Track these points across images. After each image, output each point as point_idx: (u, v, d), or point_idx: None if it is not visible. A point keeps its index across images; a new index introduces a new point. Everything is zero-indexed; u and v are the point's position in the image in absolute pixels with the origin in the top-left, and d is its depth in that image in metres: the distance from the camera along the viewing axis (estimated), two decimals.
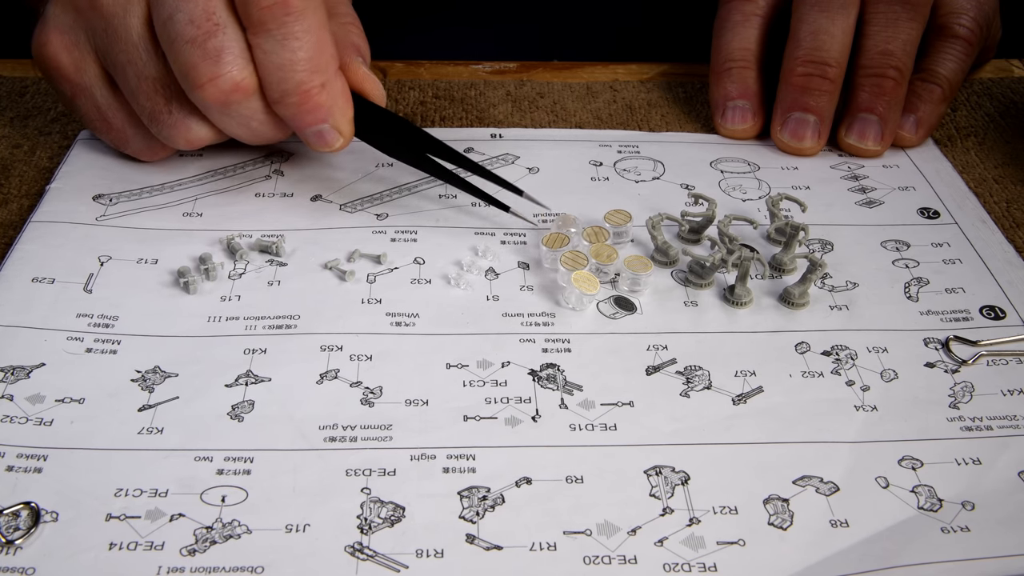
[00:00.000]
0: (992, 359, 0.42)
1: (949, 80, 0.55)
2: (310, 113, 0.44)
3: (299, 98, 0.43)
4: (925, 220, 0.50)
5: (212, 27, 0.42)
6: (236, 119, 0.45)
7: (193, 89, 0.43)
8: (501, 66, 0.62)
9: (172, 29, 0.42)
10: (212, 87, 0.42)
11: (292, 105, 0.44)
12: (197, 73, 0.42)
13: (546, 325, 0.43)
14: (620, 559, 0.33)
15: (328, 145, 0.46)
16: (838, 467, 0.37)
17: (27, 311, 0.42)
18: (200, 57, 0.42)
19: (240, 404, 0.38)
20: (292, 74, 0.43)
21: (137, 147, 0.49)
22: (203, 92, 0.43)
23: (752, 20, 0.56)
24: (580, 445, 0.37)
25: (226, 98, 0.43)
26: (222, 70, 0.42)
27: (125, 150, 0.50)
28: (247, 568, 0.32)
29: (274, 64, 0.42)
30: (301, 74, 0.43)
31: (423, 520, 0.34)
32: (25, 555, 0.33)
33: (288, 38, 0.42)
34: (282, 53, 0.42)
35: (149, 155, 0.50)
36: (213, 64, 0.42)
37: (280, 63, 0.42)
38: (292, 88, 0.43)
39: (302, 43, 0.42)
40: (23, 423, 0.37)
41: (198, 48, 0.42)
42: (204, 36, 0.42)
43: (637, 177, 0.53)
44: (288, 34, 0.42)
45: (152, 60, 0.44)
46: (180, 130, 0.46)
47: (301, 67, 0.43)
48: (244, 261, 0.45)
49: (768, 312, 0.44)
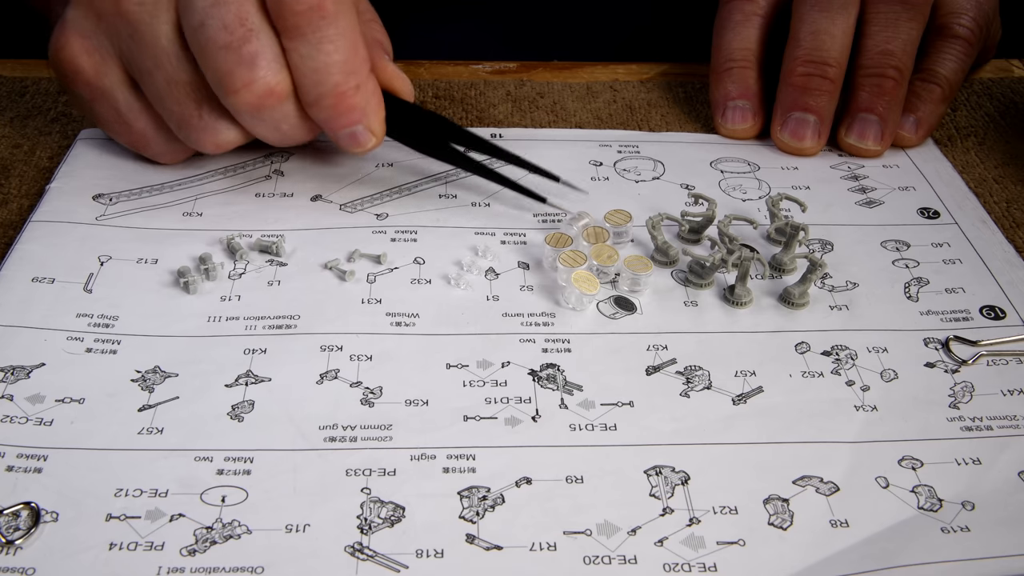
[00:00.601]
0: (992, 359, 0.42)
1: (949, 80, 0.55)
2: (345, 115, 0.44)
3: (334, 100, 0.43)
4: (925, 220, 0.50)
5: (246, 32, 0.42)
6: (268, 123, 0.45)
7: (228, 95, 0.43)
8: (501, 66, 0.62)
9: (204, 35, 0.42)
10: (247, 92, 0.42)
11: (327, 108, 0.44)
12: (232, 79, 0.42)
13: (546, 325, 0.43)
14: (620, 559, 0.33)
15: (361, 146, 0.46)
16: (838, 467, 0.37)
17: (27, 311, 0.42)
18: (235, 63, 0.42)
19: (240, 404, 0.38)
20: (328, 77, 0.43)
21: (158, 150, 0.49)
22: (238, 97, 0.43)
23: (753, 20, 0.56)
24: (580, 445, 0.37)
25: (261, 103, 0.43)
26: (257, 75, 0.42)
27: (144, 152, 0.50)
28: (247, 568, 0.32)
29: (309, 68, 0.43)
30: (336, 77, 0.43)
31: (423, 520, 0.34)
32: (25, 555, 0.33)
33: (323, 42, 0.42)
34: (318, 57, 0.42)
35: (171, 158, 0.50)
36: (248, 69, 0.42)
37: (316, 67, 0.43)
38: (328, 91, 0.43)
39: (337, 46, 0.42)
40: (23, 423, 0.37)
41: (233, 53, 0.42)
42: (239, 42, 0.42)
43: (637, 177, 0.53)
44: (323, 38, 0.42)
45: (182, 65, 0.44)
46: (209, 134, 0.46)
47: (336, 70, 0.43)
48: (244, 261, 0.45)
49: (768, 312, 0.44)
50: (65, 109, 0.56)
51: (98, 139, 0.52)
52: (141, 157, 0.50)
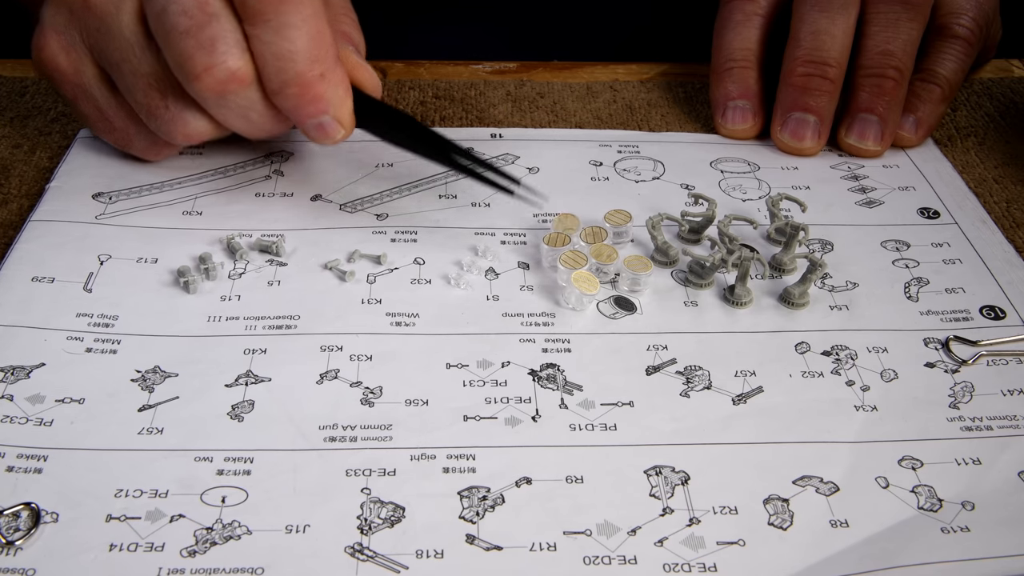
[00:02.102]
0: (992, 359, 0.42)
1: (949, 80, 0.55)
2: (310, 104, 0.43)
3: (299, 89, 0.43)
4: (925, 220, 0.50)
5: (206, 17, 0.41)
6: (234, 110, 0.44)
7: (189, 80, 0.42)
8: (501, 66, 0.62)
9: (166, 21, 0.42)
10: (208, 76, 0.42)
11: (292, 96, 0.43)
12: (192, 63, 0.42)
13: (546, 325, 0.43)
14: (620, 559, 0.33)
15: (329, 137, 0.45)
16: (838, 467, 0.37)
17: (27, 311, 0.42)
18: (195, 47, 0.41)
19: (240, 404, 0.38)
20: (291, 64, 0.42)
21: (140, 146, 0.49)
22: (199, 83, 0.42)
23: (753, 20, 0.56)
24: (580, 445, 0.37)
25: (223, 88, 0.42)
26: (217, 59, 0.41)
27: (129, 150, 0.50)
28: (247, 569, 0.32)
29: (272, 54, 0.42)
30: (300, 64, 0.42)
31: (423, 520, 0.34)
32: (25, 556, 0.33)
33: (285, 27, 0.41)
34: (280, 43, 0.41)
35: (153, 154, 0.50)
36: (208, 54, 0.41)
37: (278, 53, 0.42)
38: (291, 79, 0.42)
39: (300, 32, 0.42)
40: (23, 423, 0.37)
41: (192, 38, 0.41)
42: (198, 26, 0.41)
43: (637, 177, 0.53)
44: (285, 23, 0.41)
45: (146, 56, 0.44)
46: (178, 125, 0.45)
47: (300, 57, 0.42)
48: (244, 261, 0.45)
49: (768, 312, 0.44)
50: (65, 109, 0.56)
51: (97, 138, 0.52)
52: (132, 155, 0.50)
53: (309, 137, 0.46)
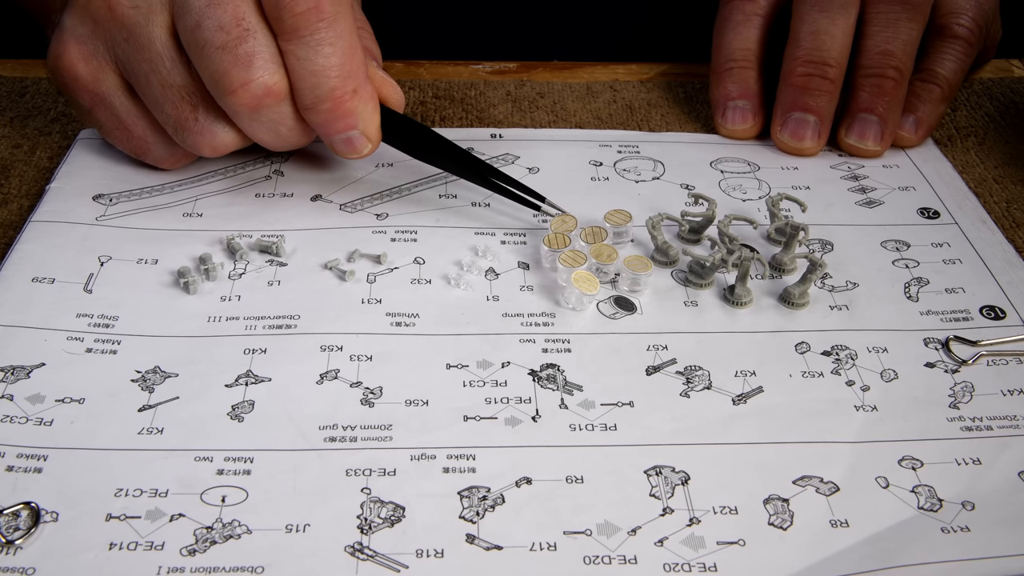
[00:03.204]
0: (992, 359, 0.42)
1: (949, 80, 0.55)
2: (341, 119, 0.44)
3: (332, 104, 0.43)
4: (925, 220, 0.50)
5: (242, 32, 0.42)
6: (265, 124, 0.44)
7: (224, 95, 0.43)
8: (501, 66, 0.62)
9: (201, 36, 0.42)
10: (244, 92, 0.42)
11: (324, 112, 0.44)
12: (229, 79, 0.42)
13: (546, 325, 0.43)
14: (620, 559, 0.33)
15: (356, 151, 0.46)
16: (838, 467, 0.37)
17: (27, 311, 0.42)
18: (231, 63, 0.42)
19: (240, 404, 0.38)
20: (325, 80, 0.43)
21: (158, 155, 0.49)
22: (235, 97, 0.42)
23: (753, 20, 0.56)
24: (580, 445, 0.37)
25: (258, 103, 0.43)
26: (254, 75, 0.42)
27: (145, 159, 0.49)
28: (247, 568, 0.32)
29: (307, 70, 0.42)
30: (334, 80, 0.43)
31: (423, 520, 0.34)
32: (25, 555, 0.33)
33: (321, 44, 0.42)
34: (315, 59, 0.42)
35: (171, 163, 0.50)
36: (245, 69, 0.42)
37: (313, 69, 0.42)
38: (325, 94, 0.43)
39: (335, 49, 0.42)
40: (23, 423, 0.37)
41: (229, 54, 0.42)
42: (235, 42, 0.42)
43: (637, 177, 0.53)
44: (321, 40, 0.42)
45: (177, 68, 0.44)
46: (206, 137, 0.45)
47: (334, 73, 0.43)
48: (244, 261, 0.45)
49: (768, 312, 0.44)
50: (65, 109, 0.56)
51: (98, 139, 0.52)
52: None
53: (335, 151, 0.46)
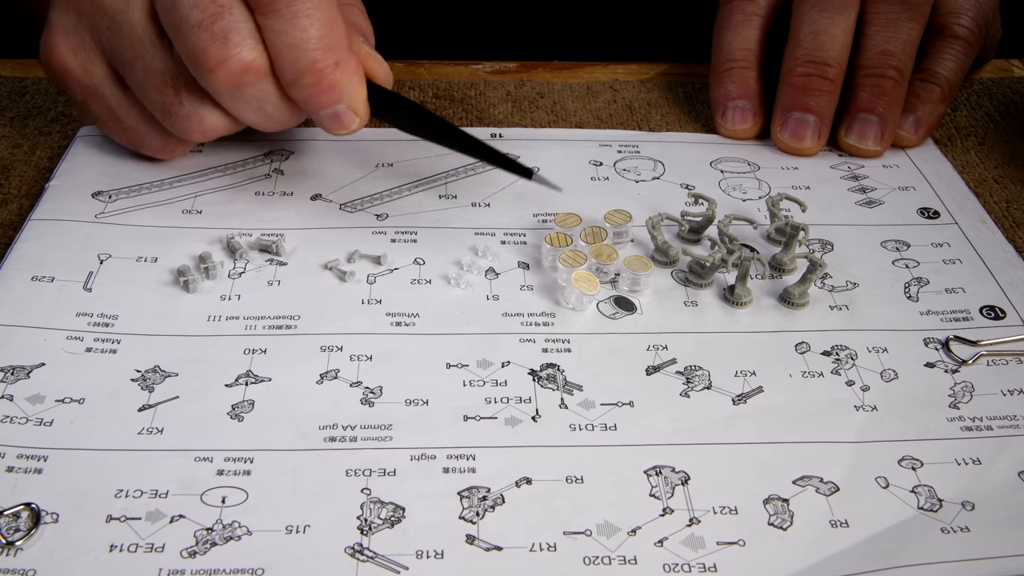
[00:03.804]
0: (992, 359, 0.42)
1: (949, 80, 0.55)
2: (325, 93, 0.43)
3: (313, 78, 0.42)
4: (925, 220, 0.50)
5: (218, 9, 0.41)
6: (249, 103, 0.44)
7: (204, 74, 0.42)
8: (501, 66, 0.62)
9: (177, 16, 0.41)
10: (223, 69, 0.41)
11: (307, 86, 0.43)
12: (206, 57, 0.41)
13: (546, 325, 0.43)
14: (620, 559, 0.33)
15: (344, 126, 0.45)
16: (838, 467, 0.37)
17: (27, 310, 0.42)
18: (208, 40, 0.41)
19: (240, 404, 0.38)
20: (304, 53, 0.42)
21: (153, 145, 0.48)
22: (214, 76, 0.42)
23: (753, 20, 0.56)
24: (580, 445, 0.37)
25: (238, 80, 0.42)
26: (231, 51, 0.41)
27: (141, 149, 0.49)
28: (247, 570, 0.32)
29: (285, 44, 0.42)
30: (314, 52, 0.42)
31: (423, 521, 0.34)
32: (26, 556, 0.32)
33: (298, 16, 0.41)
34: (293, 32, 0.41)
35: (166, 152, 0.49)
36: (222, 46, 0.41)
37: (291, 42, 0.41)
38: (305, 67, 0.42)
39: (312, 21, 0.41)
40: (23, 423, 0.37)
41: (205, 31, 0.41)
42: (210, 19, 0.41)
43: (637, 177, 0.53)
44: (298, 12, 0.41)
45: (158, 52, 0.43)
46: (193, 121, 0.45)
47: (313, 45, 0.42)
48: (244, 260, 0.45)
49: (768, 312, 0.44)
50: (65, 109, 0.56)
51: (97, 136, 0.52)
52: (140, 154, 0.50)
53: (324, 127, 0.45)
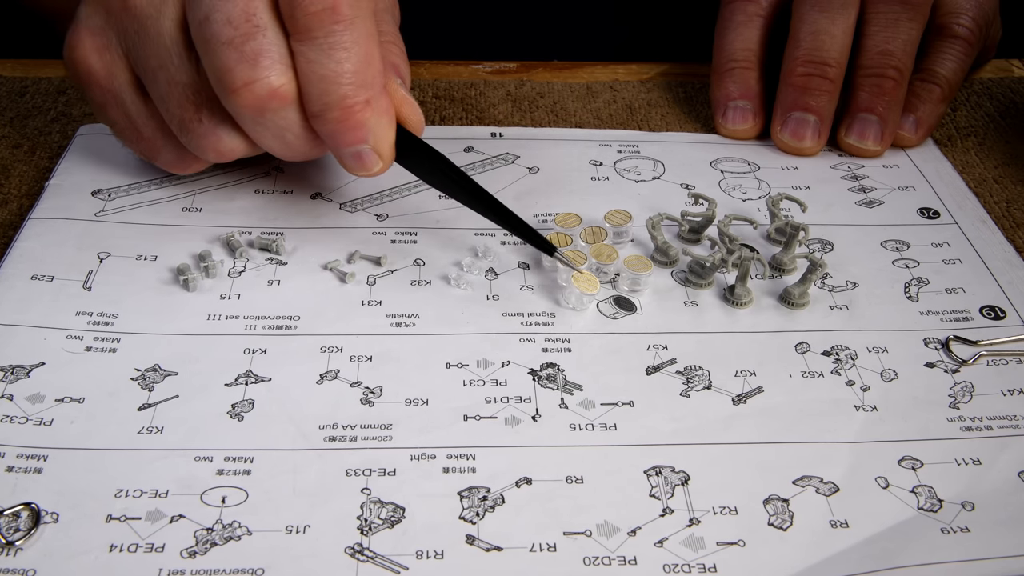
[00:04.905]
0: (992, 359, 0.42)
1: (949, 80, 0.55)
2: (351, 131, 0.41)
3: (341, 113, 0.40)
4: (925, 220, 0.50)
5: (251, 29, 0.39)
6: (271, 130, 0.42)
7: (227, 94, 0.40)
8: (501, 66, 0.62)
9: (208, 30, 0.40)
10: (247, 92, 0.40)
11: (333, 121, 0.41)
12: (232, 76, 0.40)
13: (546, 325, 0.43)
14: (620, 560, 0.33)
15: (366, 168, 0.43)
16: (838, 467, 0.37)
17: (26, 309, 0.42)
18: (236, 60, 0.39)
19: (240, 403, 0.38)
20: (335, 87, 0.40)
21: (168, 159, 0.47)
22: (238, 97, 0.40)
23: (755, 21, 0.56)
24: (580, 445, 0.37)
25: (262, 105, 0.40)
26: (259, 74, 0.39)
27: (155, 162, 0.47)
28: (247, 570, 0.32)
29: (317, 75, 0.40)
30: (345, 88, 0.40)
31: (423, 521, 0.34)
32: (25, 556, 0.32)
33: (335, 48, 0.39)
34: (327, 63, 0.40)
35: (181, 167, 0.47)
36: (250, 68, 0.39)
37: (324, 74, 0.40)
38: (335, 102, 0.40)
39: (349, 54, 0.40)
40: (23, 423, 0.37)
41: (235, 50, 0.39)
42: (242, 38, 0.39)
43: (637, 177, 0.53)
44: (335, 44, 0.39)
45: (184, 65, 0.42)
46: (211, 140, 0.43)
47: (346, 80, 0.40)
48: (244, 259, 0.45)
49: (768, 312, 0.44)
50: (65, 109, 0.56)
51: (97, 135, 0.52)
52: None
53: (345, 166, 0.43)
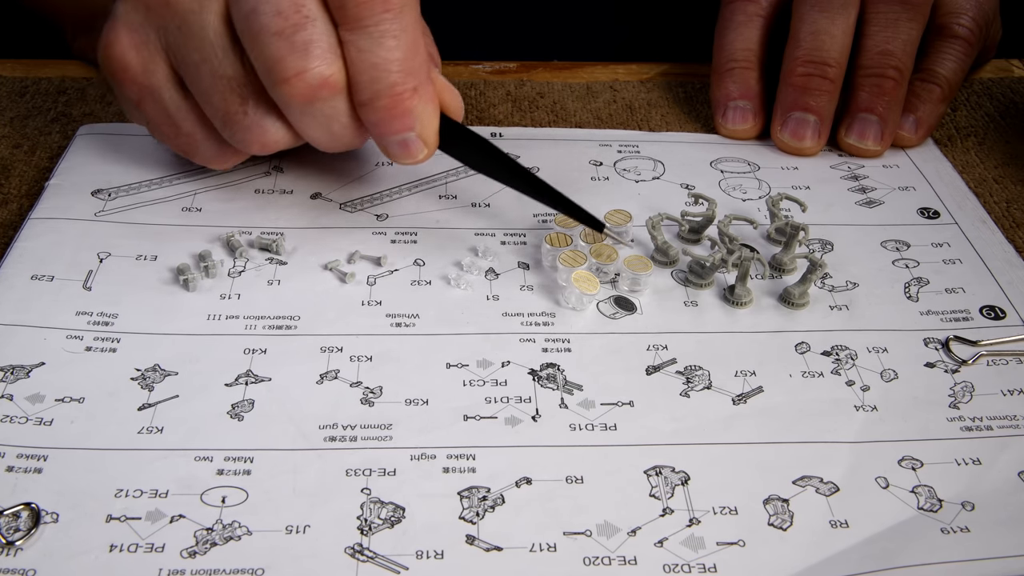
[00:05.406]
0: (992, 359, 0.42)
1: (949, 80, 0.55)
2: (399, 119, 0.41)
3: (390, 101, 0.41)
4: (925, 220, 0.50)
5: (301, 19, 0.39)
6: (318, 119, 0.42)
7: (278, 84, 0.40)
8: (501, 66, 0.62)
9: (257, 22, 0.40)
10: (299, 81, 0.40)
11: (382, 109, 0.41)
12: (283, 67, 0.40)
13: (546, 325, 0.43)
14: (620, 560, 0.33)
15: (412, 155, 0.43)
16: (838, 467, 0.37)
17: (26, 309, 0.42)
18: (287, 50, 0.40)
19: (240, 403, 0.38)
20: (386, 74, 0.40)
21: (207, 154, 0.46)
22: (288, 87, 0.40)
23: (755, 21, 0.56)
24: (580, 445, 0.37)
25: (313, 94, 0.40)
26: (310, 64, 0.40)
27: (193, 158, 0.47)
28: (247, 570, 0.32)
29: (367, 63, 0.40)
30: (395, 75, 0.40)
31: (423, 521, 0.34)
32: (26, 556, 0.32)
33: (385, 36, 0.40)
34: (377, 51, 0.40)
35: (220, 162, 0.47)
36: (301, 58, 0.40)
37: (374, 62, 0.40)
38: (384, 90, 0.41)
39: (399, 43, 0.40)
40: (23, 423, 0.37)
41: (285, 41, 0.39)
42: (292, 28, 0.39)
43: (637, 177, 0.53)
44: (385, 32, 0.40)
45: (229, 58, 0.42)
46: (255, 133, 0.43)
47: (396, 68, 0.40)
48: (244, 259, 0.45)
49: (768, 312, 0.44)
50: (65, 109, 0.56)
51: (97, 135, 0.52)
52: (140, 152, 0.50)
53: (389, 154, 0.43)
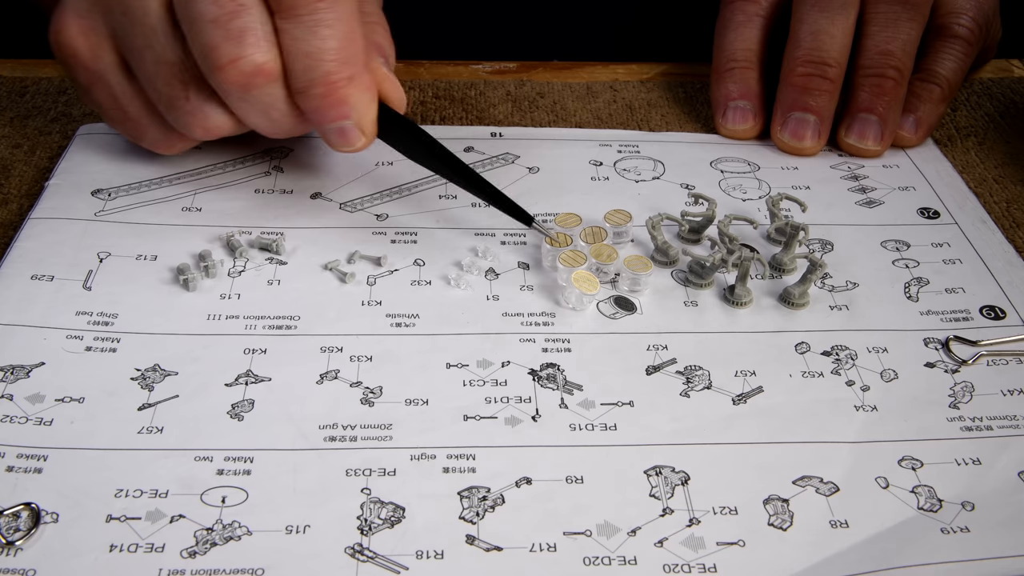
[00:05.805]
0: (992, 359, 0.42)
1: (949, 80, 0.55)
2: (334, 107, 0.42)
3: (324, 89, 0.42)
4: (925, 220, 0.50)
5: (237, 7, 0.40)
6: (256, 106, 0.43)
7: (213, 71, 0.41)
8: (501, 66, 0.62)
9: (194, 8, 0.41)
10: (233, 69, 0.41)
11: (316, 97, 0.42)
12: (218, 54, 0.40)
13: (546, 325, 0.43)
14: (620, 560, 0.33)
15: (349, 143, 0.44)
16: (838, 467, 0.37)
17: (26, 309, 0.42)
18: (222, 37, 0.40)
19: (240, 403, 0.38)
20: (319, 63, 0.41)
21: (154, 138, 0.48)
22: (223, 74, 0.41)
23: (755, 21, 0.56)
24: (580, 445, 0.37)
25: (247, 81, 0.41)
26: (244, 52, 0.40)
27: (141, 142, 0.48)
28: (247, 570, 0.32)
29: (301, 51, 0.41)
30: (329, 64, 0.41)
31: (423, 521, 0.34)
32: (26, 556, 0.32)
33: (319, 25, 0.41)
34: (311, 40, 0.41)
35: (166, 147, 0.48)
36: (235, 45, 0.40)
37: (308, 51, 0.41)
38: (318, 78, 0.41)
39: (333, 32, 0.41)
40: (23, 423, 0.37)
41: (220, 28, 0.40)
42: (228, 16, 0.40)
43: (637, 177, 0.53)
44: (319, 21, 0.41)
45: (171, 43, 0.43)
46: (198, 118, 0.44)
47: (329, 57, 0.41)
48: (244, 259, 0.45)
49: (768, 312, 0.44)
50: (65, 109, 0.56)
51: (97, 135, 0.52)
52: (140, 151, 0.50)
53: (328, 142, 0.45)
